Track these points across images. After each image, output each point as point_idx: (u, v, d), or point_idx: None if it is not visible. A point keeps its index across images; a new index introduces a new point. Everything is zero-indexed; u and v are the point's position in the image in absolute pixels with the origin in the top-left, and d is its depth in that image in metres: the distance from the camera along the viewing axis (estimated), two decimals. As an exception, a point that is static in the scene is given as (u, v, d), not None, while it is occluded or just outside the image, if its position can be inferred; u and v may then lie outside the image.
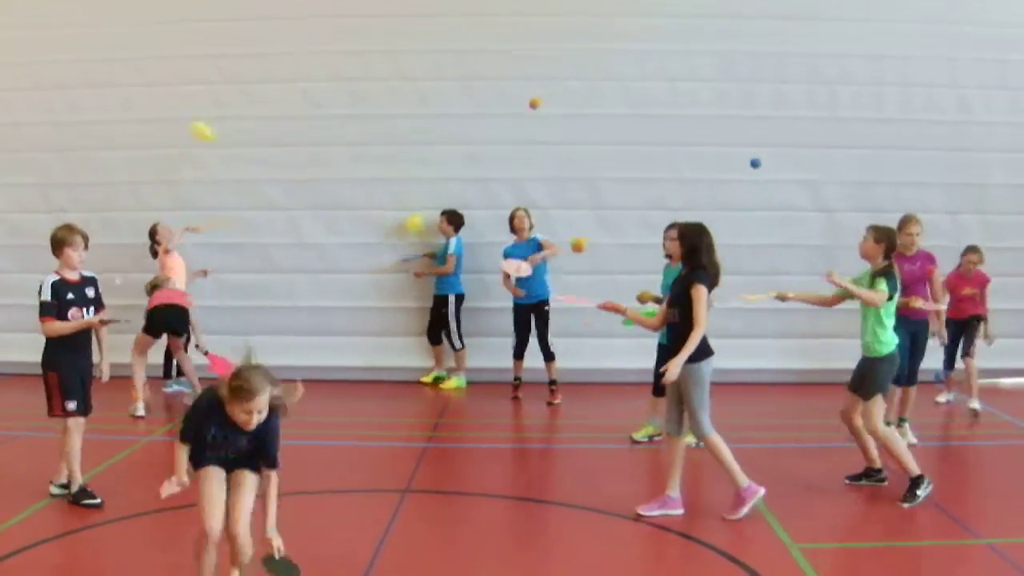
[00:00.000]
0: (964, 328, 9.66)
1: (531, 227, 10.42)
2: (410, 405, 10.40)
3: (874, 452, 7.24)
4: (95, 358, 6.95)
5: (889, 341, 6.98)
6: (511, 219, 10.46)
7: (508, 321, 10.41)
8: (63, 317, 6.63)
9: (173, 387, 10.81)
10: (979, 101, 11.39)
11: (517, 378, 10.52)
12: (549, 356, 10.24)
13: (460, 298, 11.07)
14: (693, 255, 6.61)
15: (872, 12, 11.23)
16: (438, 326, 11.17)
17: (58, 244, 6.73)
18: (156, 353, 10.43)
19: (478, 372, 11.26)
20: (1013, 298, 10.79)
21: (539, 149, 11.19)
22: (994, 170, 11.38)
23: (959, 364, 9.76)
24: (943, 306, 8.69)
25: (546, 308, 10.15)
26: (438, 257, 11.16)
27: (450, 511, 6.94)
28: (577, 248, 10.27)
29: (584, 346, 10.79)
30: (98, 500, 6.68)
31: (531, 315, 10.30)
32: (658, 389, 7.91)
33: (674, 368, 6.38)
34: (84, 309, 6.73)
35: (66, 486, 6.80)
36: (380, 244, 11.49)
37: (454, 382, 11.16)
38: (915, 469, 6.86)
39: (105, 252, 11.45)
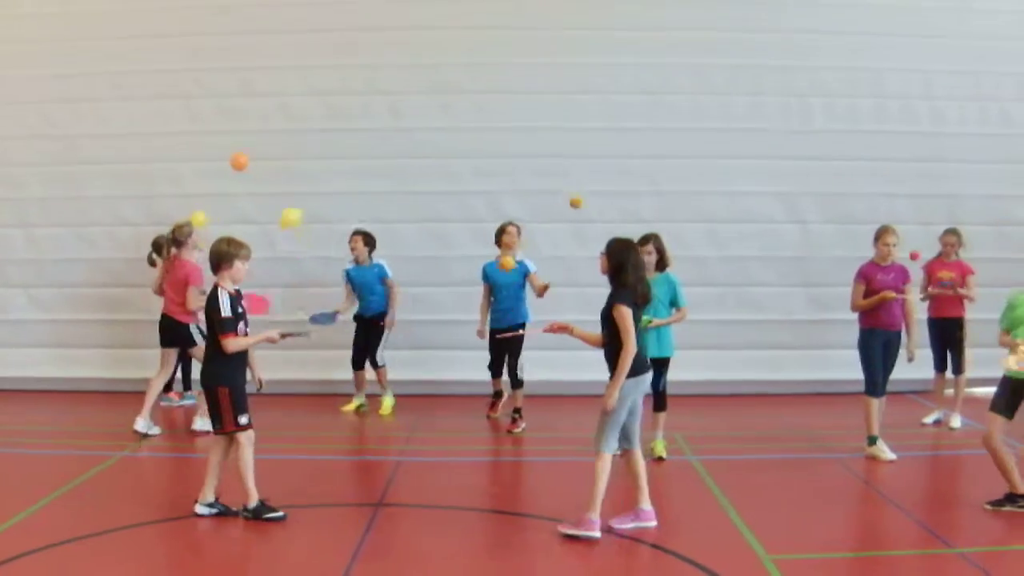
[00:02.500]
0: (942, 334, 9.64)
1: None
2: (382, 418, 10.33)
3: (1016, 477, 6.92)
4: None
5: None
6: (499, 233, 9.86)
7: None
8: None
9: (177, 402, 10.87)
10: (952, 113, 11.51)
11: (497, 392, 10.33)
12: (517, 383, 9.79)
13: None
14: (620, 272, 6.41)
15: (846, 25, 11.35)
16: (365, 349, 10.50)
17: (228, 258, 6.64)
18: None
19: (450, 385, 11.26)
20: (987, 308, 10.79)
21: (516, 162, 11.21)
22: (967, 181, 11.47)
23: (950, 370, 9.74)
24: (918, 296, 8.70)
25: (523, 333, 9.81)
26: (374, 287, 10.40)
27: (423, 524, 6.89)
28: (575, 205, 9.48)
29: (557, 359, 10.71)
30: (280, 512, 6.61)
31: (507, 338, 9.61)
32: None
33: (611, 397, 6.28)
34: (244, 323, 6.70)
35: (212, 504, 6.71)
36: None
37: (388, 403, 10.58)
38: (1020, 487, 6.84)
39: (80, 266, 11.47)
